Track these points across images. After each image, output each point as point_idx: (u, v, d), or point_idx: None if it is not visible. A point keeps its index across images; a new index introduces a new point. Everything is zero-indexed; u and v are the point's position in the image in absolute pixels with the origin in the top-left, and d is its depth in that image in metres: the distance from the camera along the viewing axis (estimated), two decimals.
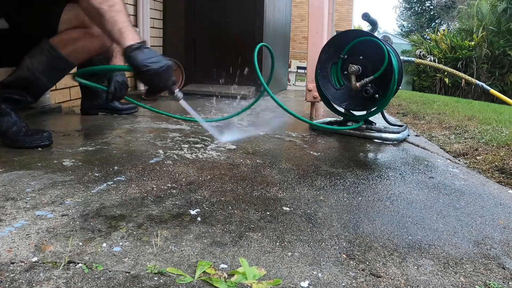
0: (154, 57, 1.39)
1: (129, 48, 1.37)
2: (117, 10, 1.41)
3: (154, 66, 1.37)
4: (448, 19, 22.72)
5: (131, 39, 1.38)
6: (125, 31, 1.39)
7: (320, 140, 2.13)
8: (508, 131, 2.65)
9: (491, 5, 13.04)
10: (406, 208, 1.22)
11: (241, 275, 0.79)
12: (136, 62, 1.37)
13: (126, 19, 1.43)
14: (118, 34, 1.39)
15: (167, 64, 1.42)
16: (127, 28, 1.40)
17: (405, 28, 27.42)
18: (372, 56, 2.15)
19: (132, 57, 1.37)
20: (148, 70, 1.37)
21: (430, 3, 25.81)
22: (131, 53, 1.37)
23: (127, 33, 1.39)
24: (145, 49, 1.39)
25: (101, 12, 1.40)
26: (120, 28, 1.39)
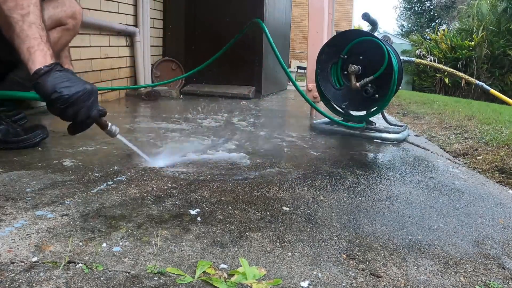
0: (67, 80, 1.12)
1: (36, 74, 1.12)
2: (30, 21, 1.15)
3: (66, 91, 1.10)
4: (448, 19, 22.72)
5: (40, 62, 1.12)
6: (35, 50, 1.13)
7: (320, 140, 2.13)
8: (508, 131, 2.65)
9: (491, 5, 13.04)
10: (406, 208, 1.22)
11: (241, 275, 0.79)
12: (44, 88, 1.10)
13: (39, 35, 1.16)
14: (26, 54, 1.14)
15: (87, 89, 1.14)
16: (38, 46, 1.14)
17: (405, 28, 27.42)
18: (372, 56, 2.15)
19: (40, 83, 1.11)
20: (58, 98, 1.10)
21: (430, 3, 25.81)
22: (38, 79, 1.12)
23: (37, 54, 1.13)
24: (57, 72, 1.13)
25: (10, 22, 1.14)
26: (30, 46, 1.14)
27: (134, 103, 3.24)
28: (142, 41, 3.57)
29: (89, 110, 1.16)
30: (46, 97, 1.12)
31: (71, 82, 1.12)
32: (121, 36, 3.35)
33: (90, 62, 2.89)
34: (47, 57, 1.14)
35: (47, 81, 1.11)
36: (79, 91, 1.12)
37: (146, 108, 2.98)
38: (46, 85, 1.10)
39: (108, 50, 3.16)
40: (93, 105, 1.16)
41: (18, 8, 1.15)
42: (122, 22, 3.33)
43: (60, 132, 1.96)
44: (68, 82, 1.12)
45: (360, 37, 2.19)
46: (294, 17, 8.43)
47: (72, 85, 1.12)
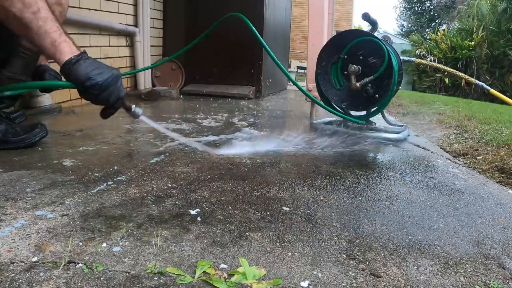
0: (97, 67, 1.19)
1: (67, 64, 1.18)
2: (43, 17, 1.18)
3: (99, 78, 1.18)
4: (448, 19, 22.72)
5: (68, 52, 1.18)
6: (60, 42, 1.18)
7: (320, 140, 2.13)
8: (508, 131, 2.65)
9: (491, 5, 13.03)
10: (406, 208, 1.22)
11: (241, 275, 0.79)
12: (77, 77, 1.17)
13: (57, 26, 1.20)
14: (52, 48, 1.19)
15: (115, 74, 1.22)
16: (60, 38, 1.19)
17: (405, 28, 27.41)
18: (372, 56, 2.14)
19: (73, 72, 1.17)
20: (93, 85, 1.17)
21: (430, 3, 25.81)
22: (70, 68, 1.18)
23: (63, 46, 1.18)
24: (87, 60, 1.19)
25: (24, 23, 1.17)
26: (53, 40, 1.18)
27: (134, 103, 3.23)
28: (142, 41, 3.57)
29: (119, 92, 1.23)
30: (81, 85, 1.18)
31: (100, 69, 1.19)
32: (121, 36, 3.35)
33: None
34: (72, 47, 1.20)
35: (79, 70, 1.17)
36: (109, 77, 1.19)
37: (146, 108, 2.98)
38: (80, 73, 1.16)
39: (108, 50, 3.16)
40: (121, 87, 1.24)
41: (27, 7, 1.17)
42: (122, 22, 3.33)
43: (60, 132, 1.96)
44: (98, 69, 1.18)
45: (360, 37, 2.19)
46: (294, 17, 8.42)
47: (102, 71, 1.19)
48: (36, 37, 1.19)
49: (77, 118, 2.41)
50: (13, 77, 1.73)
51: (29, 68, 1.82)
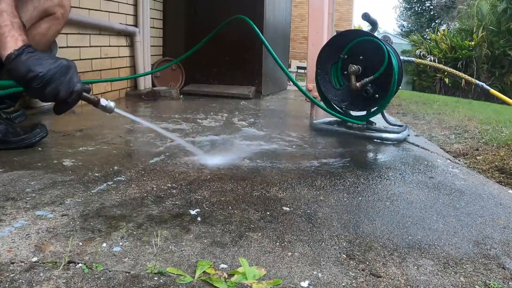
0: (39, 59, 1.07)
1: (8, 59, 1.07)
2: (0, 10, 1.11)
3: (40, 69, 1.05)
4: (448, 19, 22.72)
5: (11, 47, 1.08)
6: (6, 37, 1.09)
7: (320, 140, 2.13)
8: (508, 131, 2.65)
9: (491, 5, 13.03)
10: (406, 208, 1.22)
11: (241, 275, 0.79)
12: (17, 71, 1.05)
13: (10, 21, 1.12)
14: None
15: (63, 63, 1.09)
16: (9, 33, 1.09)
17: (405, 28, 27.41)
18: (372, 56, 2.15)
19: (13, 67, 1.06)
20: (33, 77, 1.05)
21: (430, 3, 25.80)
22: (11, 63, 1.07)
23: (8, 40, 1.08)
24: (29, 54, 1.07)
25: None
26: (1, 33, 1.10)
27: (134, 103, 3.24)
28: (142, 41, 3.57)
29: (70, 85, 1.08)
30: (21, 80, 1.06)
31: (43, 60, 1.07)
32: (121, 36, 3.35)
33: (90, 62, 2.89)
34: (18, 42, 1.09)
35: (19, 63, 1.06)
36: (53, 67, 1.07)
37: (146, 108, 2.98)
38: (19, 67, 1.05)
39: (108, 50, 3.16)
40: (73, 79, 1.09)
41: None
42: (122, 22, 3.33)
43: (60, 132, 1.96)
44: (40, 60, 1.07)
45: (360, 37, 2.19)
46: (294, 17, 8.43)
47: (45, 63, 1.07)
48: None
49: (77, 118, 2.41)
50: None
51: None
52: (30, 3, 1.63)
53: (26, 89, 1.09)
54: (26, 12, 1.64)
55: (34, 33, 1.70)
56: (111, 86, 3.29)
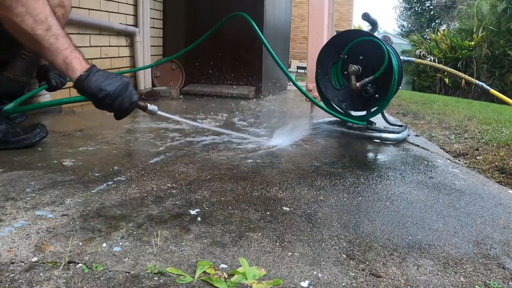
0: (107, 78, 1.24)
1: (79, 80, 1.22)
2: (55, 34, 1.21)
3: (109, 88, 1.22)
4: (448, 19, 22.72)
5: (79, 69, 1.22)
6: (71, 60, 1.22)
7: (320, 140, 2.13)
8: (508, 131, 2.65)
9: (491, 5, 13.03)
10: (406, 208, 1.22)
11: (241, 275, 0.79)
12: (90, 91, 1.22)
13: (67, 43, 1.23)
14: (63, 65, 1.22)
15: (124, 81, 1.27)
16: (71, 55, 1.23)
17: (405, 28, 27.41)
18: (372, 56, 2.15)
19: (85, 86, 1.22)
20: (105, 95, 1.22)
21: (430, 3, 25.80)
22: (82, 83, 1.22)
23: (74, 63, 1.22)
24: (96, 73, 1.24)
25: (36, 39, 1.19)
26: (65, 57, 1.22)
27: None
28: (142, 41, 3.57)
29: (131, 98, 1.28)
30: (94, 97, 1.23)
31: (110, 79, 1.24)
32: (121, 36, 3.35)
33: (90, 62, 2.89)
34: (82, 63, 1.24)
35: (90, 84, 1.21)
36: (119, 85, 1.24)
37: None
38: (91, 87, 1.21)
39: (108, 50, 3.16)
40: (132, 92, 1.28)
41: (38, 24, 1.18)
42: (122, 22, 3.33)
43: (60, 132, 1.96)
44: (108, 80, 1.23)
45: (360, 37, 2.19)
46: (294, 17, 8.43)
47: (112, 82, 1.24)
48: (48, 54, 1.22)
49: (77, 118, 2.42)
50: (14, 78, 1.74)
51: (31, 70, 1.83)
52: None
53: (97, 104, 1.25)
54: None
55: None
56: None
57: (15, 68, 1.73)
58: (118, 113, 1.30)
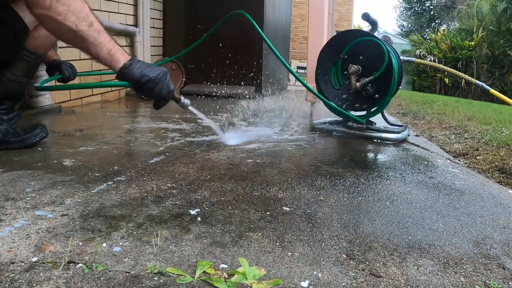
0: (147, 67, 1.35)
1: (123, 69, 1.32)
2: (97, 29, 1.29)
3: (151, 74, 1.33)
4: (448, 19, 22.71)
5: (123, 60, 1.32)
6: (115, 52, 1.31)
7: (320, 140, 2.13)
8: (508, 131, 2.65)
9: (491, 5, 13.03)
10: (406, 208, 1.22)
11: (241, 275, 0.79)
12: (133, 77, 1.32)
13: (108, 37, 1.33)
14: (108, 57, 1.31)
15: (164, 70, 1.38)
16: (113, 47, 1.32)
17: (405, 28, 27.41)
18: (372, 56, 2.15)
19: (129, 73, 1.32)
20: (148, 80, 1.32)
21: (430, 3, 25.80)
22: (126, 71, 1.32)
23: (117, 54, 1.32)
24: (138, 63, 1.34)
25: (80, 35, 1.27)
26: (109, 50, 1.31)
27: (134, 103, 3.24)
28: (142, 41, 3.57)
29: (169, 86, 1.39)
30: (137, 82, 1.33)
31: (150, 68, 1.35)
32: (121, 36, 3.35)
33: (90, 62, 2.89)
34: (124, 54, 1.34)
35: (134, 71, 1.31)
36: (160, 73, 1.35)
37: (146, 108, 2.99)
38: (135, 74, 1.31)
39: None
40: (170, 82, 1.39)
41: (81, 20, 1.25)
42: (122, 22, 3.33)
43: (60, 132, 1.96)
44: (149, 68, 1.34)
45: (360, 37, 2.19)
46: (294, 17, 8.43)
47: (153, 69, 1.34)
48: (92, 48, 1.29)
49: (77, 118, 2.41)
50: (15, 80, 1.74)
51: (32, 71, 1.84)
52: None
53: (139, 89, 1.35)
54: (29, 14, 1.64)
55: (37, 35, 1.70)
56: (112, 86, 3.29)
57: (16, 69, 1.73)
58: (158, 101, 1.41)
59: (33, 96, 2.39)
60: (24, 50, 1.71)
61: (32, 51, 1.72)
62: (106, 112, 2.69)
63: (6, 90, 1.76)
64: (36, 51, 1.73)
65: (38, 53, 1.75)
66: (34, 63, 1.78)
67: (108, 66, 1.34)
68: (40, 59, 1.81)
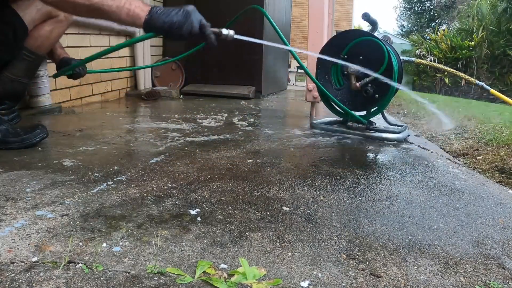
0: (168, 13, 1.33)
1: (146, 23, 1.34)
2: None
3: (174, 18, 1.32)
4: (448, 19, 22.70)
5: (143, 15, 1.33)
6: (133, 10, 1.32)
7: (320, 140, 2.13)
8: (508, 131, 2.65)
9: (491, 5, 13.03)
10: (406, 208, 1.22)
11: (241, 275, 0.79)
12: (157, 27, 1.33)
13: None
14: (129, 18, 1.33)
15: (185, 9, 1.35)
16: (130, 6, 1.32)
17: (405, 28, 27.39)
18: (372, 56, 2.15)
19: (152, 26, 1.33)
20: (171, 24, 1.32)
21: (430, 3, 25.79)
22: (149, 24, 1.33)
23: (137, 12, 1.32)
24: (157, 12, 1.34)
25: (96, 7, 1.29)
26: (127, 11, 1.31)
27: (134, 103, 3.24)
28: (142, 41, 3.56)
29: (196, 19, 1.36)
30: (163, 30, 1.33)
31: (170, 11, 1.34)
32: (121, 36, 3.35)
33: (90, 62, 2.89)
34: (143, 8, 1.33)
35: (156, 22, 1.31)
36: (181, 13, 1.33)
37: (146, 108, 2.99)
38: (157, 24, 1.31)
39: None
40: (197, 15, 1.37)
41: None
42: None
43: (60, 132, 1.96)
44: (168, 11, 1.33)
45: (360, 37, 2.19)
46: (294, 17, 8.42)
47: (173, 12, 1.33)
48: (113, 15, 1.31)
49: (77, 118, 2.41)
50: (15, 79, 1.74)
51: (32, 71, 1.84)
52: (33, 5, 1.64)
53: (168, 34, 1.34)
54: (29, 14, 1.65)
55: (36, 35, 1.71)
56: (111, 86, 3.29)
57: (16, 69, 1.74)
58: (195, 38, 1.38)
59: (33, 96, 2.38)
60: (24, 50, 1.71)
61: (32, 51, 1.72)
62: (106, 112, 2.69)
63: (6, 90, 1.77)
64: (36, 51, 1.74)
65: (38, 53, 1.75)
66: (34, 63, 1.78)
67: (133, 26, 1.38)
68: (40, 59, 1.81)
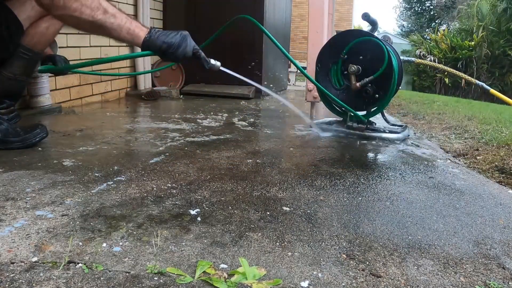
0: (166, 34, 1.43)
1: (145, 42, 1.42)
2: (112, 14, 1.36)
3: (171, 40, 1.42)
4: (448, 19, 22.70)
5: (142, 35, 1.41)
6: (134, 29, 1.40)
7: (320, 140, 2.13)
8: (508, 131, 2.65)
9: (491, 5, 13.02)
10: (406, 208, 1.22)
11: (241, 275, 0.79)
12: (155, 46, 1.42)
13: (124, 17, 1.40)
14: (129, 36, 1.40)
15: (183, 34, 1.46)
16: (131, 25, 1.40)
17: (405, 28, 27.39)
18: (372, 56, 2.15)
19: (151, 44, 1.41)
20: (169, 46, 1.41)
21: (430, 3, 25.79)
22: (148, 43, 1.41)
23: (136, 31, 1.41)
24: (156, 33, 1.43)
25: (99, 24, 1.35)
26: (127, 30, 1.39)
27: (134, 103, 3.24)
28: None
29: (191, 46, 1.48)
30: (160, 50, 1.42)
31: (169, 34, 1.44)
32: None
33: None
34: (143, 28, 1.42)
35: (155, 42, 1.40)
36: (178, 36, 1.44)
37: (146, 108, 2.99)
38: (156, 44, 1.40)
39: (108, 50, 3.15)
40: (191, 43, 1.48)
41: (95, 10, 1.33)
42: None
43: (60, 132, 1.96)
44: (167, 34, 1.43)
45: (360, 37, 2.19)
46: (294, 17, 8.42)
47: (171, 35, 1.43)
48: (113, 32, 1.38)
49: (77, 118, 2.41)
50: (13, 78, 1.74)
51: (30, 69, 1.84)
52: (28, 2, 1.64)
53: (164, 55, 1.43)
54: (24, 11, 1.65)
55: (33, 32, 1.70)
56: (111, 86, 3.29)
57: (14, 67, 1.73)
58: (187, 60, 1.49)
59: (33, 96, 2.38)
60: (20, 47, 1.70)
61: (29, 48, 1.72)
62: (106, 112, 2.69)
63: (5, 88, 1.76)
64: (33, 48, 1.73)
65: (35, 51, 1.75)
66: (31, 60, 1.78)
67: (131, 44, 1.46)
68: (38, 56, 1.81)
